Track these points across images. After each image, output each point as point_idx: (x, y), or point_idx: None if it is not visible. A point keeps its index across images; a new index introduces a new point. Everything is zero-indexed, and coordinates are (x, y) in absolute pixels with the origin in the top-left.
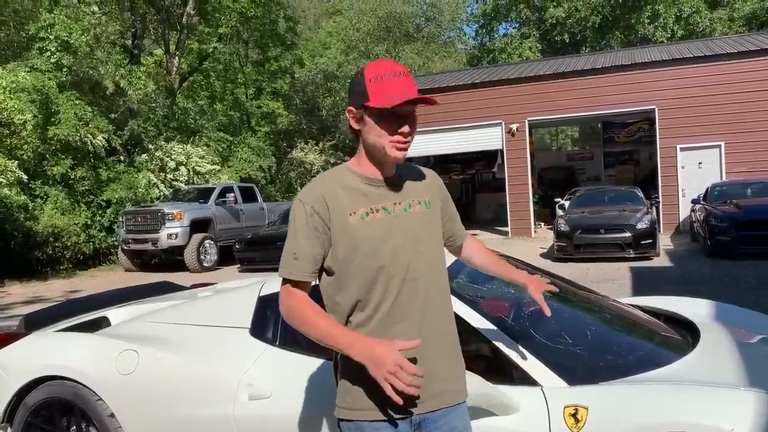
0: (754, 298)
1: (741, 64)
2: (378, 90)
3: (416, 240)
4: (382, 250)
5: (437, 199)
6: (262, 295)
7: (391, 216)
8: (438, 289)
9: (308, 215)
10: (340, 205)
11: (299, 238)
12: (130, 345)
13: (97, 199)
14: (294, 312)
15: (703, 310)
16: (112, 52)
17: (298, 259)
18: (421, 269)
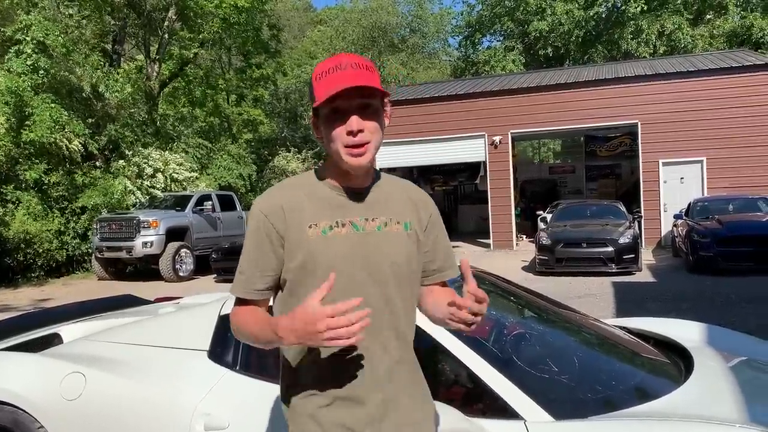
0: (737, 315)
1: (723, 80)
2: (320, 88)
3: (390, 266)
4: (341, 272)
5: (420, 222)
6: (223, 314)
7: (360, 233)
8: (410, 331)
9: (261, 224)
10: (300, 214)
11: (248, 251)
12: (77, 367)
13: (71, 205)
14: (239, 327)
15: (693, 333)
16: (90, 55)
17: (244, 274)
18: (391, 302)
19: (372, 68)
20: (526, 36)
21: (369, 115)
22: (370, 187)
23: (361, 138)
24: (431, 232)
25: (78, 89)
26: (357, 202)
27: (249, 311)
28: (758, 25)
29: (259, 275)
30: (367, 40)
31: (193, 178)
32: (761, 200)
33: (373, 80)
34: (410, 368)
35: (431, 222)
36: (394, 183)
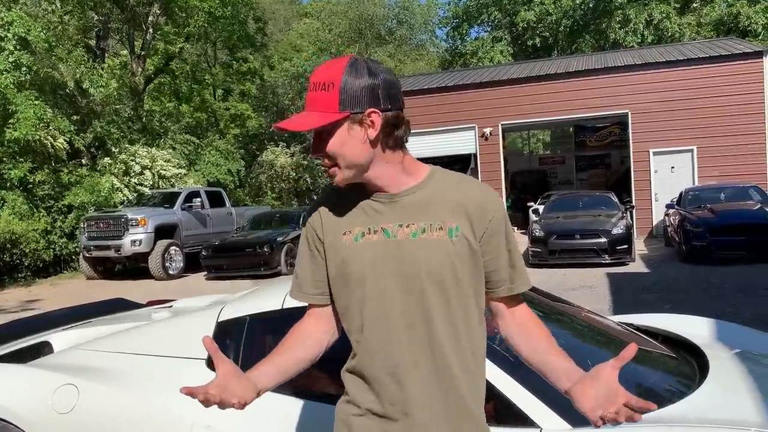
0: (733, 305)
1: (713, 69)
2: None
3: (422, 275)
4: (367, 285)
5: (473, 228)
6: (221, 321)
7: (391, 240)
8: (454, 348)
9: (307, 229)
10: (337, 220)
11: (301, 257)
12: (70, 378)
13: (57, 204)
14: None
15: (701, 329)
16: (74, 51)
17: (298, 278)
18: (422, 315)
19: (329, 85)
20: (514, 26)
21: (326, 138)
22: (410, 191)
23: (326, 163)
24: (492, 239)
25: (62, 86)
26: (393, 207)
27: (295, 328)
28: (745, 13)
29: (309, 280)
30: (353, 32)
31: (181, 175)
32: (752, 189)
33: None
34: (454, 395)
35: (491, 227)
36: (447, 183)
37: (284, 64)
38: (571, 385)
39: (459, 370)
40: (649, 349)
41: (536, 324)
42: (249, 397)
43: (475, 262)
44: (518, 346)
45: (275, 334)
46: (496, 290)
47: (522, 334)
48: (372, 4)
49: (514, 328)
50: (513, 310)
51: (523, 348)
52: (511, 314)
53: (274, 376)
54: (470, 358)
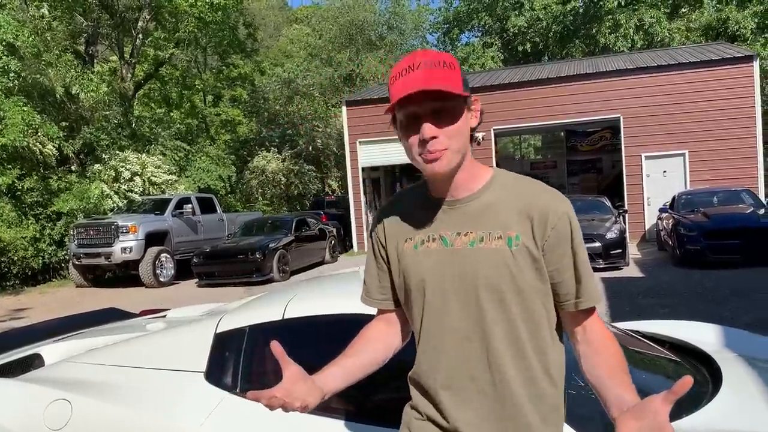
0: (731, 309)
1: (704, 73)
2: (393, 92)
3: (480, 286)
4: (426, 293)
5: (537, 235)
6: (220, 332)
7: (448, 248)
8: (514, 362)
9: (373, 236)
10: (399, 227)
11: (367, 261)
12: (62, 393)
13: (46, 211)
14: None
15: (709, 335)
16: (63, 56)
17: (366, 284)
18: (480, 327)
19: (452, 64)
20: (505, 32)
21: (446, 118)
22: (472, 197)
23: (434, 145)
24: (555, 249)
25: (50, 92)
26: (452, 213)
27: (363, 332)
28: (734, 18)
29: (377, 285)
30: (344, 38)
31: (171, 181)
32: (744, 192)
33: (449, 79)
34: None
35: (555, 235)
36: (512, 188)
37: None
38: (619, 414)
39: (520, 387)
40: (657, 356)
41: (606, 346)
42: (313, 400)
43: (539, 273)
44: (583, 366)
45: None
46: (562, 305)
47: (587, 356)
48: (363, 10)
49: (583, 347)
50: (583, 326)
51: (584, 366)
52: (582, 330)
53: (340, 379)
54: (539, 374)
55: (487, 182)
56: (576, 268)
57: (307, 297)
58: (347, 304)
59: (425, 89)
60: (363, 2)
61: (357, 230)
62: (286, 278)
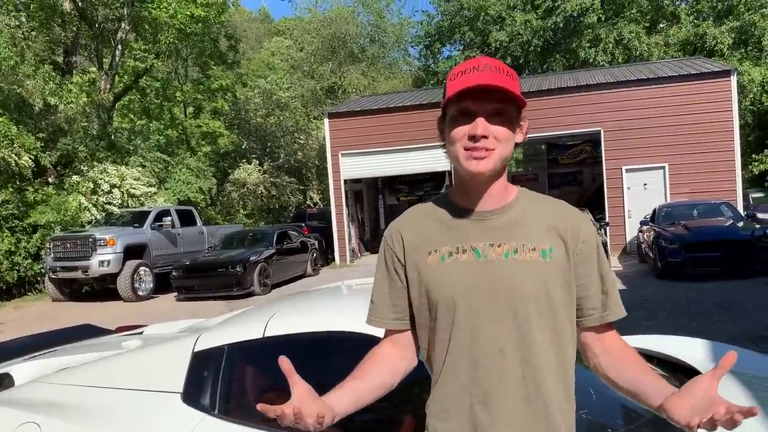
0: (715, 323)
1: (684, 87)
2: (451, 87)
3: (516, 298)
4: (456, 307)
5: (568, 250)
6: (198, 351)
7: (482, 260)
8: (547, 374)
9: (385, 252)
10: (421, 239)
11: (377, 278)
12: (31, 416)
13: (22, 224)
14: None
15: (696, 350)
16: (41, 67)
17: (375, 304)
18: (515, 339)
19: (513, 75)
20: (486, 46)
21: (500, 121)
22: (503, 209)
23: (484, 143)
24: (584, 264)
25: (28, 103)
26: (484, 225)
27: (371, 354)
28: (711, 33)
29: (388, 303)
30: (326, 50)
31: (151, 193)
32: (723, 205)
33: (510, 85)
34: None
35: (583, 251)
36: (538, 203)
37: (258, 81)
38: (664, 400)
39: (552, 398)
40: None
41: (626, 350)
42: (327, 417)
43: (569, 287)
44: (608, 374)
45: (257, 364)
46: (586, 319)
47: (611, 366)
48: (345, 23)
49: (604, 358)
50: (602, 338)
51: (612, 374)
52: (601, 343)
53: (349, 403)
54: (568, 387)
55: (515, 197)
56: (603, 282)
57: (289, 313)
58: (332, 321)
59: (489, 84)
60: (345, 15)
61: (339, 243)
62: (267, 292)
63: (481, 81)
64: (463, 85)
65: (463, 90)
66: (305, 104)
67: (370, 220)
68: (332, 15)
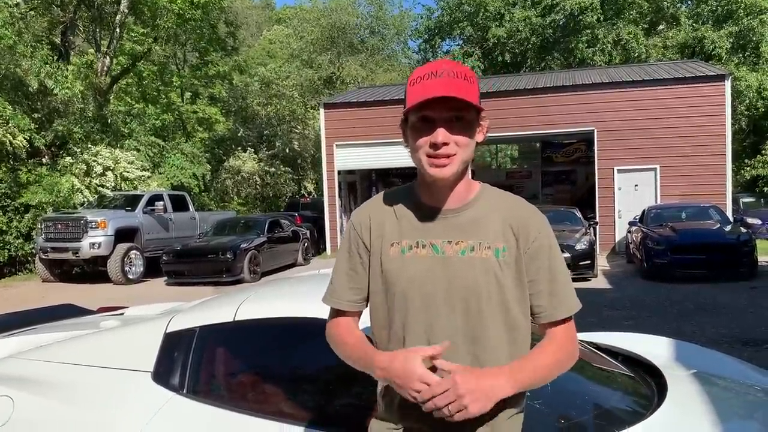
0: (695, 324)
1: (678, 90)
2: (412, 93)
3: (469, 294)
4: (412, 298)
5: (519, 247)
6: (169, 332)
7: (439, 256)
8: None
9: (352, 235)
10: (385, 230)
11: (339, 261)
12: (5, 389)
13: (14, 203)
14: (335, 344)
15: (662, 349)
16: (38, 48)
17: (333, 284)
18: (467, 333)
19: (471, 79)
20: (485, 41)
21: (459, 128)
22: (463, 208)
23: (445, 150)
24: (533, 262)
25: (23, 83)
26: (444, 222)
27: (346, 328)
28: (710, 38)
29: (348, 286)
30: (326, 40)
31: (144, 177)
32: (712, 209)
33: (468, 92)
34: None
35: (534, 249)
36: (498, 202)
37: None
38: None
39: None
40: (608, 369)
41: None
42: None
43: (521, 285)
44: None
45: (226, 346)
46: (536, 317)
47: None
48: (345, 13)
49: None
50: (550, 336)
51: None
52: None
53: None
54: None
55: (476, 195)
56: (552, 282)
57: (261, 299)
58: (301, 308)
59: (447, 95)
60: (345, 5)
61: (331, 233)
62: (257, 279)
63: (439, 92)
64: (422, 94)
65: (422, 102)
66: (302, 93)
67: None
68: (333, 5)
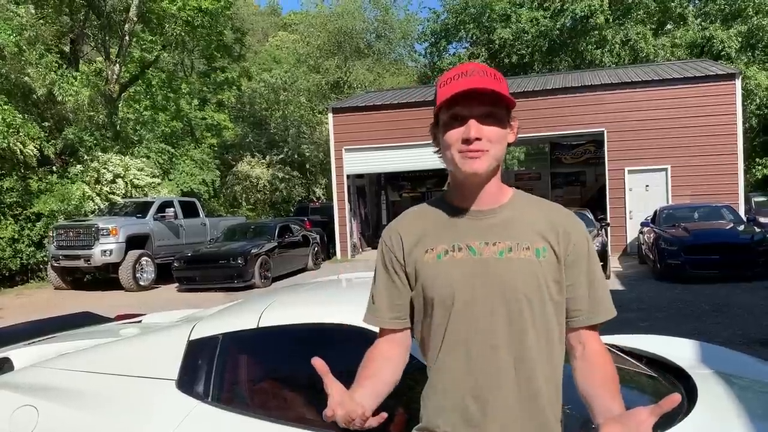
0: (711, 324)
1: (688, 89)
2: (442, 93)
3: (510, 295)
4: (451, 303)
5: (560, 250)
6: (193, 339)
7: (477, 258)
8: (539, 370)
9: (384, 252)
10: (419, 238)
11: (377, 279)
12: (29, 399)
13: (26, 212)
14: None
15: (686, 351)
16: (46, 56)
17: (375, 304)
18: (509, 335)
19: (500, 78)
20: (491, 43)
21: (491, 124)
22: (498, 209)
23: (477, 145)
24: (574, 266)
25: (33, 91)
26: (479, 224)
27: (373, 352)
28: (719, 37)
29: (386, 303)
30: (332, 45)
31: (154, 184)
32: (724, 208)
33: (499, 88)
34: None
35: (575, 253)
36: (532, 205)
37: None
38: (604, 420)
39: (543, 395)
40: (634, 371)
41: (602, 362)
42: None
43: (560, 287)
44: (575, 378)
45: (250, 353)
46: (571, 320)
47: (581, 371)
48: (351, 18)
49: (580, 363)
50: (583, 343)
51: (578, 380)
52: (581, 347)
53: (373, 401)
54: (553, 381)
55: (510, 198)
56: (591, 286)
57: (284, 305)
58: (325, 313)
59: (478, 88)
60: (352, 10)
61: (341, 237)
62: (268, 284)
63: (471, 85)
64: (452, 90)
65: (454, 95)
66: (310, 98)
67: (373, 216)
68: (339, 9)
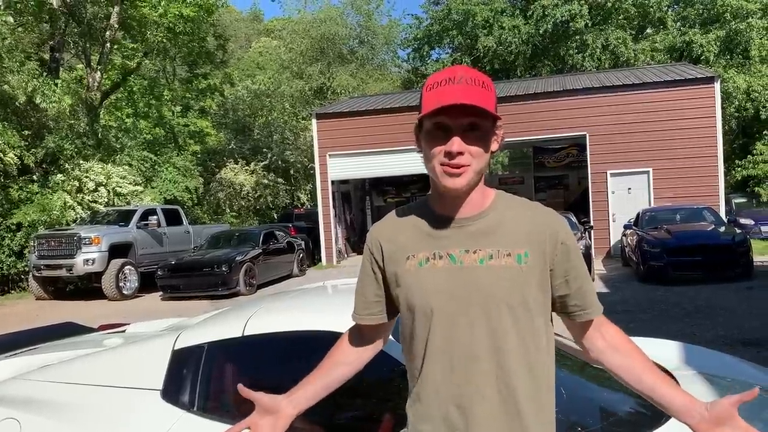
0: (695, 326)
1: (668, 93)
2: (428, 99)
3: (490, 304)
4: (432, 312)
5: (543, 253)
6: (178, 348)
7: (457, 266)
8: (523, 377)
9: (366, 254)
10: (399, 245)
11: (359, 279)
12: (11, 411)
13: (6, 222)
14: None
15: (671, 352)
16: (26, 63)
17: (355, 302)
18: (489, 345)
19: (489, 86)
20: (474, 49)
21: (474, 138)
22: (479, 216)
23: (459, 160)
24: (564, 262)
25: (13, 99)
26: (460, 231)
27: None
28: (698, 41)
29: (363, 304)
30: (315, 50)
31: (137, 192)
32: (706, 210)
33: (486, 99)
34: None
35: (562, 252)
36: (515, 208)
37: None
38: (698, 421)
39: (526, 402)
40: None
41: (633, 347)
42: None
43: (544, 290)
44: (616, 369)
45: (236, 362)
46: (574, 316)
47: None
48: (334, 24)
49: (612, 355)
50: (602, 332)
51: (624, 374)
52: (602, 338)
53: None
54: (541, 389)
55: (492, 202)
56: (580, 283)
57: (269, 313)
58: (311, 320)
59: (464, 103)
60: (334, 16)
61: (326, 244)
62: (253, 292)
63: (456, 99)
64: (437, 101)
65: (438, 108)
66: (294, 104)
67: (358, 221)
68: (321, 15)
